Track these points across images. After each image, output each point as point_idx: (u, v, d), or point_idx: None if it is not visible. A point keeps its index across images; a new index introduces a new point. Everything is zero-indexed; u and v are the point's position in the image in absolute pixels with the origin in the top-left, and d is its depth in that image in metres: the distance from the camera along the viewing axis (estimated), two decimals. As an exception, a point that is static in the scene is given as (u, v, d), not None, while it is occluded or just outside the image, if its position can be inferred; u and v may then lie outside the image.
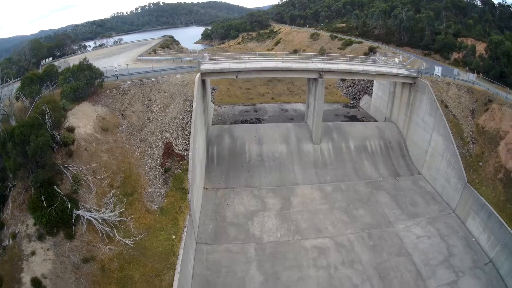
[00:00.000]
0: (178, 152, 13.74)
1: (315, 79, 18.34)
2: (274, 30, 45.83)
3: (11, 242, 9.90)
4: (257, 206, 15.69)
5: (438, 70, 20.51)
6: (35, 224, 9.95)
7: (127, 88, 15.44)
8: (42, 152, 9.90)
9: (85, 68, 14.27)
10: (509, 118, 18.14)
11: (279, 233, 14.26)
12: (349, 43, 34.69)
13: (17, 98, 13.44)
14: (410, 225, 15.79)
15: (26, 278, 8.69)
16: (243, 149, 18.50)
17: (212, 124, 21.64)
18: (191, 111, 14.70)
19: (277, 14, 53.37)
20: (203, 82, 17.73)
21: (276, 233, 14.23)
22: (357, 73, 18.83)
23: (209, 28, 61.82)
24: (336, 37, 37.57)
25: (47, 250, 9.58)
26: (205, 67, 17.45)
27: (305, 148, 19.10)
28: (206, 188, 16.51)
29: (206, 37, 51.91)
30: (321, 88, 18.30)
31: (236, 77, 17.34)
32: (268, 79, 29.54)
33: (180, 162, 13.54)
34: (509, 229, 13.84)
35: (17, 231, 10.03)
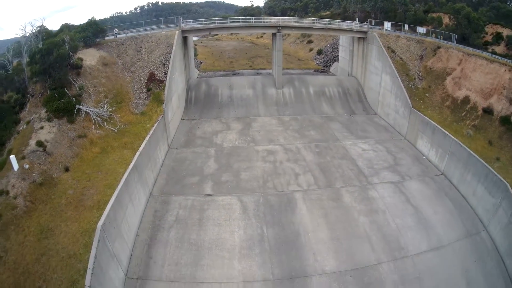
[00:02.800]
0: (158, 78, 17.82)
1: (275, 34, 22.21)
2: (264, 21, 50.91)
3: (25, 126, 13.96)
4: (222, 128, 19.20)
5: (387, 25, 23.58)
6: (46, 112, 13.97)
7: (123, 41, 20.08)
8: (61, 60, 14.26)
9: (92, 24, 19.16)
10: (455, 58, 20.41)
11: (237, 142, 17.57)
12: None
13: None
14: (357, 142, 18.09)
15: (32, 142, 12.25)
16: (217, 93, 22.32)
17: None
18: (171, 52, 18.89)
19: (269, 8, 58.69)
20: (185, 39, 22.11)
21: (234, 142, 17.54)
22: (310, 27, 22.50)
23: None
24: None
25: (53, 127, 13.48)
26: (185, 26, 21.95)
27: (269, 92, 22.54)
28: (183, 119, 20.27)
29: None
30: (280, 41, 22.19)
31: (209, 33, 21.64)
32: (250, 56, 33.64)
33: (160, 85, 17.58)
34: (453, 137, 15.33)
35: (31, 119, 14.07)
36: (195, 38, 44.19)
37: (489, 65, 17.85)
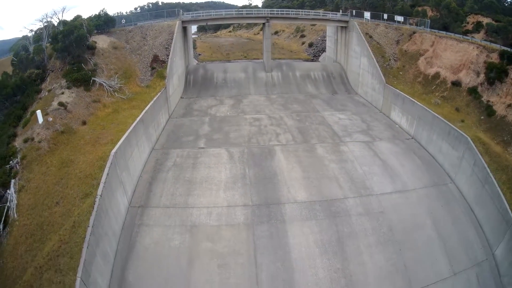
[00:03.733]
0: (161, 59, 20.51)
1: (264, 23, 24.89)
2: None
3: (47, 93, 16.51)
4: (216, 103, 21.70)
5: (367, 14, 26.09)
6: (66, 81, 16.43)
7: (130, 30, 22.95)
8: (80, 39, 16.96)
9: (103, 15, 22.13)
10: (429, 41, 22.43)
11: (228, 112, 20.05)
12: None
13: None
14: (335, 113, 20.36)
15: (54, 103, 14.55)
16: (212, 76, 24.93)
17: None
18: (172, 38, 21.62)
19: (267, 7, 61.55)
20: (184, 29, 24.92)
21: (226, 113, 20.02)
22: (296, 18, 25.15)
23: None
24: (310, 20, 44.80)
25: (72, 93, 15.91)
26: (185, 17, 24.83)
27: (259, 75, 25.10)
28: (182, 98, 22.80)
29: (201, 29, 61.96)
30: (268, 30, 24.94)
31: (206, 24, 24.36)
32: (246, 49, 36.40)
33: (162, 64, 20.25)
34: (419, 103, 17.26)
35: (52, 87, 16.59)
36: (194, 36, 47.55)
37: (459, 45, 19.67)
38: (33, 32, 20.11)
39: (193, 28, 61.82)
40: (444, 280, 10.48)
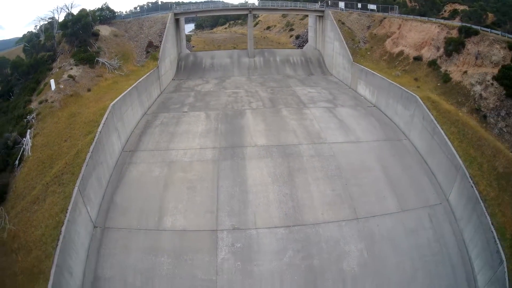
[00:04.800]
0: (155, 45, 23.78)
1: (247, 14, 27.97)
2: (256, 16, 56.85)
3: (57, 70, 19.86)
4: (202, 83, 24.77)
5: (341, 4, 28.76)
6: (74, 60, 19.77)
7: (129, 21, 26.47)
8: (87, 26, 20.41)
9: (105, 8, 25.75)
10: (396, 24, 24.53)
11: (211, 89, 23.05)
12: (307, 15, 43.98)
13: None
14: (306, 88, 23.00)
15: (64, 76, 17.80)
16: (201, 62, 28.07)
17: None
18: (165, 28, 24.92)
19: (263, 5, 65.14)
20: (177, 21, 28.25)
21: (209, 89, 23.02)
22: (275, 9, 28.15)
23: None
24: (299, 15, 47.66)
25: (79, 69, 19.19)
26: (177, 10, 28.22)
27: (243, 60, 28.09)
28: (174, 79, 25.92)
29: (198, 26, 66.10)
30: (251, 20, 27.94)
31: (196, 15, 27.66)
32: (238, 42, 39.53)
33: (156, 49, 23.50)
34: (378, 74, 19.54)
35: (62, 65, 19.92)
36: (191, 33, 51.18)
37: (423, 25, 21.32)
38: (45, 22, 23.82)
39: (191, 26, 66.22)
40: (392, 214, 11.64)
